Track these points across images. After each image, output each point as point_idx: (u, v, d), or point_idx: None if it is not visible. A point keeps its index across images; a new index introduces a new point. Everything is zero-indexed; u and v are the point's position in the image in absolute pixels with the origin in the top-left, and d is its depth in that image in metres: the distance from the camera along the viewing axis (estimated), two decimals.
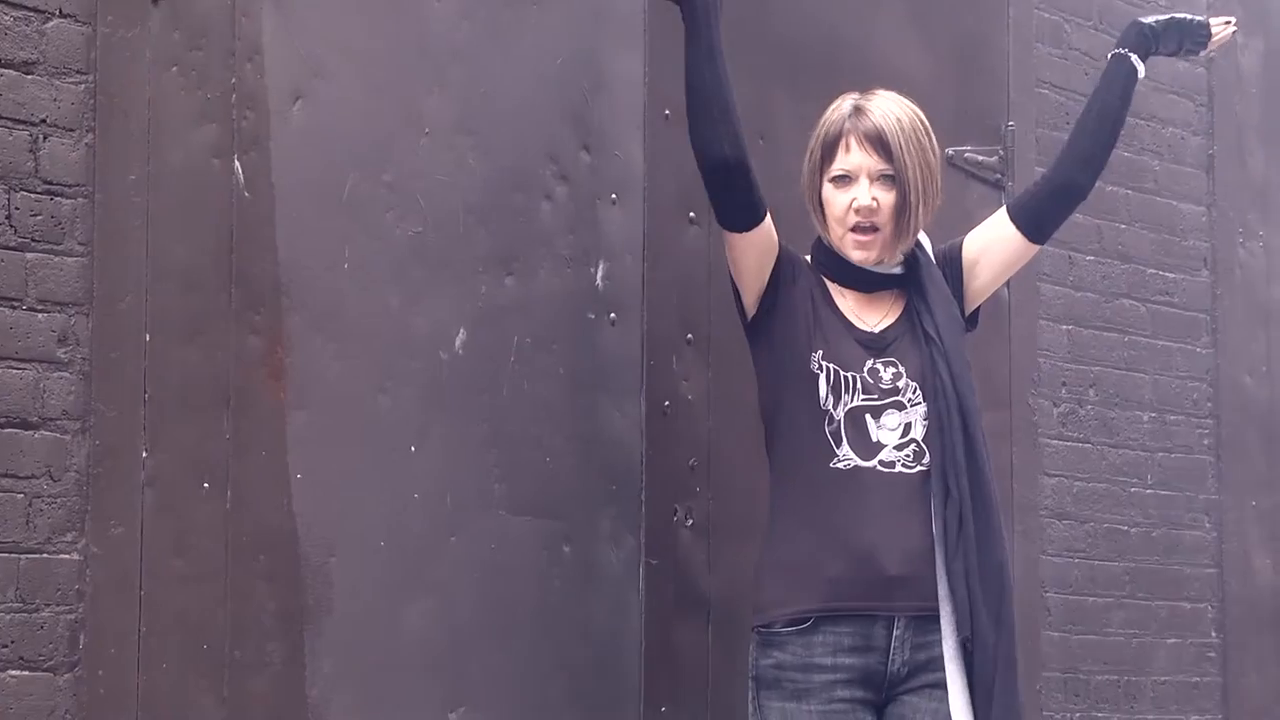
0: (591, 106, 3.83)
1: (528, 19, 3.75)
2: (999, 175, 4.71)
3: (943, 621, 3.34)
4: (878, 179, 3.41)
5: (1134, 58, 3.68)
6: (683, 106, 3.98)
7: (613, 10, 3.89)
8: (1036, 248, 3.66)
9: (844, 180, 3.43)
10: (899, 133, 3.41)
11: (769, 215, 3.43)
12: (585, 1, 3.85)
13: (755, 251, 3.43)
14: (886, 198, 3.41)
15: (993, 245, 3.62)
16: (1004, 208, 3.68)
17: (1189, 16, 3.76)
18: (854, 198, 3.41)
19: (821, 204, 3.46)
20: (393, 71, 3.56)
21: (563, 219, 3.76)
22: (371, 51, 3.54)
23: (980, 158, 4.66)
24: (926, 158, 3.44)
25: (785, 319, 3.43)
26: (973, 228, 3.68)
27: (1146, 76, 5.27)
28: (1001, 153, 4.71)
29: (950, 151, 4.55)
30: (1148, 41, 3.69)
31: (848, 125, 3.43)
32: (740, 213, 3.42)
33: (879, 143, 3.41)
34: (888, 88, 3.54)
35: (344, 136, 3.48)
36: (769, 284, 3.45)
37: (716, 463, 3.93)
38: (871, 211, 3.41)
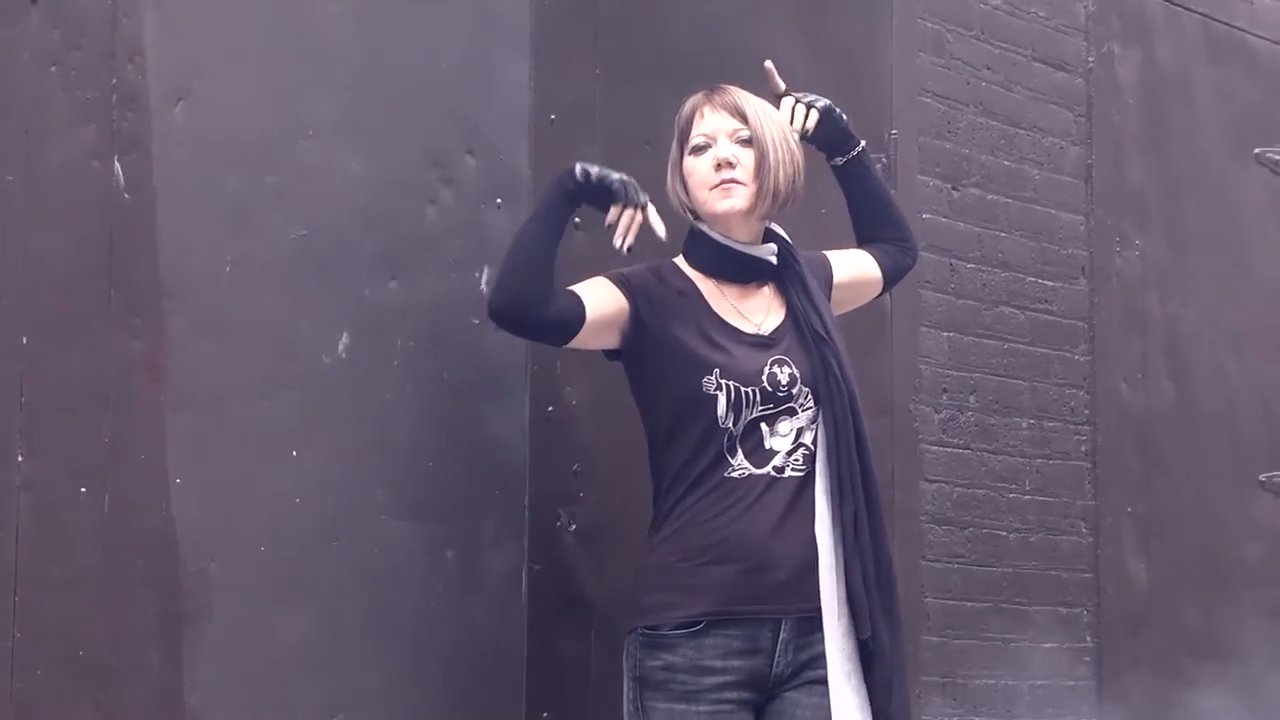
0: (477, 110, 3.82)
1: (413, 22, 3.73)
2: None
3: (831, 620, 3.37)
4: (735, 140, 3.48)
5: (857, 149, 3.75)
6: (569, 110, 3.99)
7: (499, 14, 3.88)
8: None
9: (703, 148, 3.50)
10: (754, 101, 3.53)
11: (589, 301, 3.42)
12: (471, 5, 3.84)
13: (597, 335, 3.47)
14: (746, 155, 3.48)
15: (861, 282, 3.75)
16: (866, 253, 3.76)
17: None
18: (714, 156, 3.46)
19: (686, 187, 3.50)
20: (276, 73, 3.53)
21: (447, 223, 3.75)
22: (255, 53, 3.51)
23: None
24: (785, 132, 3.53)
25: (666, 347, 3.45)
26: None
27: (1026, 86, 5.35)
28: (885, 160, 4.75)
29: None
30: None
31: (701, 100, 3.54)
32: (553, 338, 3.47)
33: (734, 108, 3.50)
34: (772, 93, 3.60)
35: (227, 138, 3.45)
36: (631, 332, 3.47)
37: (600, 468, 3.93)
38: (731, 164, 3.46)
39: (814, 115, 3.66)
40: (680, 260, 3.57)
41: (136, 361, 3.32)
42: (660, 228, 3.47)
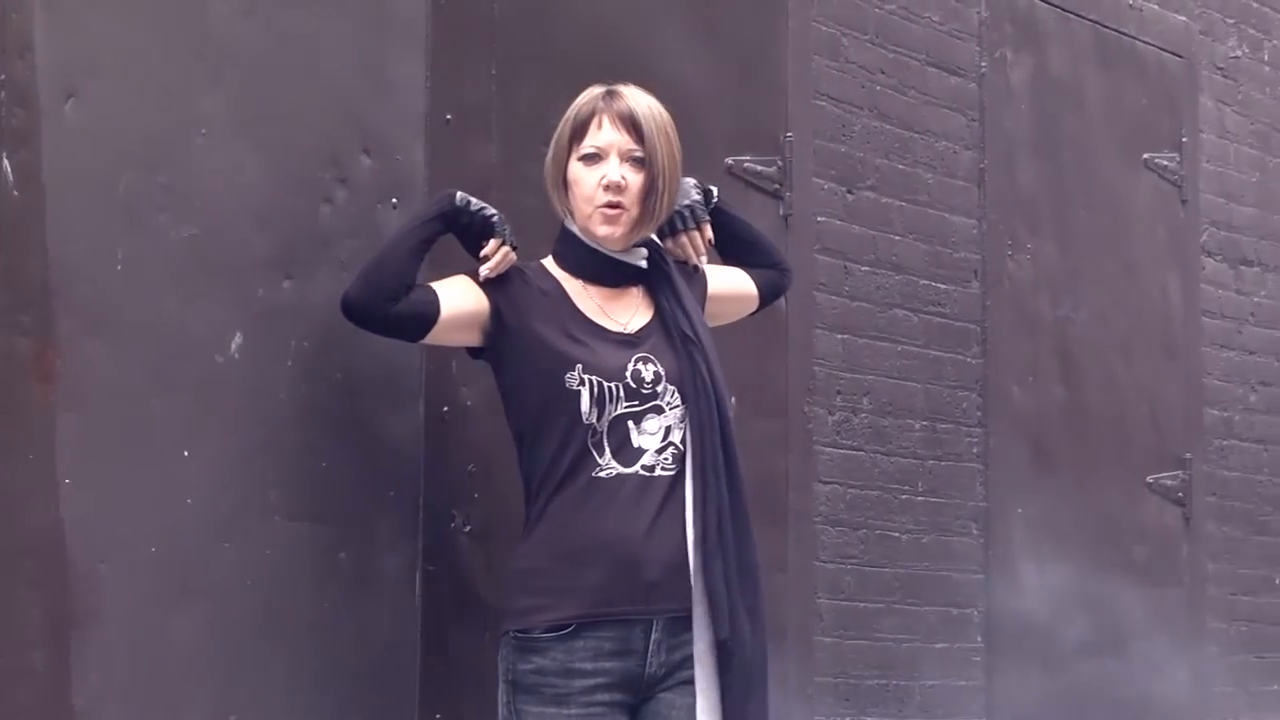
0: (372, 110, 3.80)
1: (308, 20, 3.71)
2: (778, 185, 4.77)
3: (696, 621, 3.38)
4: (628, 159, 3.47)
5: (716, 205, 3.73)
6: (465, 111, 3.98)
7: (394, 13, 3.87)
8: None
9: (594, 159, 3.49)
10: (650, 118, 3.49)
11: (445, 297, 3.45)
12: (367, 4, 3.82)
13: (454, 333, 3.49)
14: (635, 178, 3.47)
15: (737, 297, 3.76)
16: (743, 271, 3.77)
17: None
18: (603, 174, 3.46)
19: (567, 186, 3.50)
20: (169, 70, 3.50)
21: (343, 222, 3.73)
22: (147, 49, 3.48)
23: (759, 168, 4.72)
24: (673, 149, 3.52)
25: (528, 346, 3.46)
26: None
27: (920, 90, 5.40)
28: (780, 163, 4.77)
29: (730, 161, 4.60)
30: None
31: (601, 105, 3.50)
32: (405, 334, 3.49)
33: (631, 123, 3.47)
34: (669, 96, 3.59)
35: (118, 135, 3.42)
36: (493, 331, 3.48)
37: (495, 468, 3.93)
38: (620, 189, 3.46)
39: (709, 229, 3.67)
40: (549, 260, 3.58)
41: (25, 360, 3.28)
42: (508, 264, 3.50)
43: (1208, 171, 6.23)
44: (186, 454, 3.47)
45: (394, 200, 3.82)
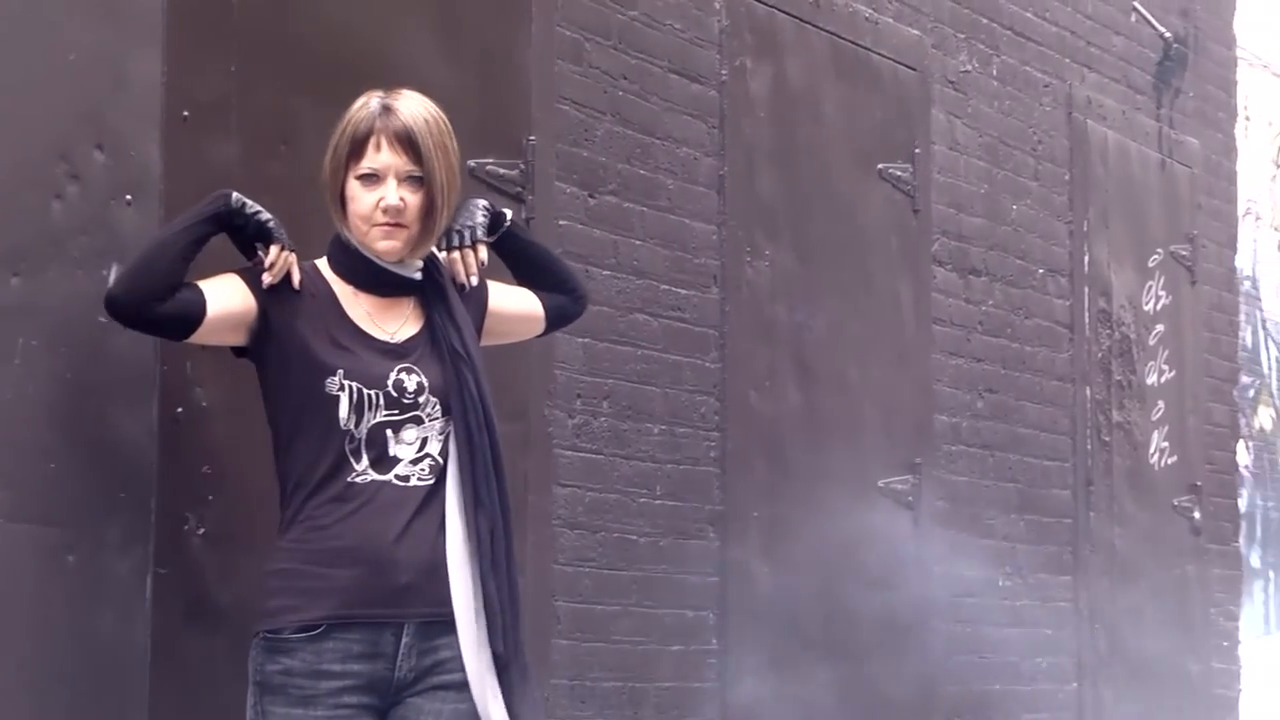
0: (106, 105, 3.73)
1: (39, 11, 3.63)
2: (520, 188, 4.78)
3: (468, 633, 3.40)
4: (405, 179, 3.46)
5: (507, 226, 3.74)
6: (203, 108, 3.92)
7: (130, 7, 3.80)
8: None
9: (371, 179, 3.46)
10: (428, 135, 3.47)
11: (212, 297, 3.40)
12: None
13: (220, 333, 3.44)
14: (414, 199, 3.46)
15: (521, 317, 3.76)
16: (532, 293, 3.77)
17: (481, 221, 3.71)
18: (381, 197, 3.44)
19: (344, 201, 3.47)
20: None
21: (74, 219, 3.65)
22: None
23: (502, 170, 4.72)
24: (450, 160, 3.51)
25: (292, 348, 3.44)
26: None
27: (662, 97, 5.44)
28: (523, 166, 4.78)
29: (472, 164, 4.60)
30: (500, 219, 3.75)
31: (378, 124, 3.46)
32: (170, 333, 3.45)
33: (409, 143, 3.45)
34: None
35: None
36: (259, 332, 3.45)
37: (230, 470, 3.88)
38: (399, 212, 3.45)
39: (484, 250, 3.65)
40: (322, 262, 3.55)
41: None
42: (296, 279, 3.46)
43: (939, 182, 6.38)
44: None
45: (128, 197, 3.75)
